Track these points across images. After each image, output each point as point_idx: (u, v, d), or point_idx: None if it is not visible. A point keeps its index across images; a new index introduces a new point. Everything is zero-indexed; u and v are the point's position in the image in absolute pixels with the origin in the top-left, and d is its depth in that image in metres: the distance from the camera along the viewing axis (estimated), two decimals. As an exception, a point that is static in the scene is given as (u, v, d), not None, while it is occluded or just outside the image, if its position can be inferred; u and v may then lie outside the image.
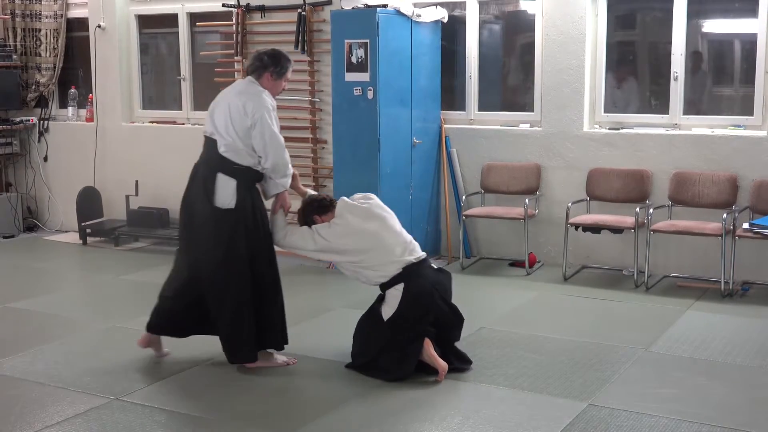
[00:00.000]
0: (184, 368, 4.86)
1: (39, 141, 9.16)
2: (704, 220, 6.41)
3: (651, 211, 6.51)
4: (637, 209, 6.51)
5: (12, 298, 6.42)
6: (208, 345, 5.19)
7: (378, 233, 4.77)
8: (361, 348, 4.82)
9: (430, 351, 4.65)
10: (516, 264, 7.16)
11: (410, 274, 4.70)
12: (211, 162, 4.72)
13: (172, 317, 4.92)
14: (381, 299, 4.83)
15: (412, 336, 4.64)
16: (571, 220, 6.71)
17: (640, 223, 6.49)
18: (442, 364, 4.64)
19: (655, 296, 6.26)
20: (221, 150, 4.69)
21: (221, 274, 4.71)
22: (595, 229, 6.65)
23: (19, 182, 9.33)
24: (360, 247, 4.74)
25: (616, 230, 6.62)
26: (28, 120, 9.08)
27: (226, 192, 4.66)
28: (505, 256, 7.32)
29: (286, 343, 4.95)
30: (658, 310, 5.93)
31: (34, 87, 9.07)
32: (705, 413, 4.14)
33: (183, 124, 8.58)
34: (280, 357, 4.94)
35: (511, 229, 7.23)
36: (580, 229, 6.71)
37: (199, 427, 4.12)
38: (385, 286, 4.75)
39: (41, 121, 9.12)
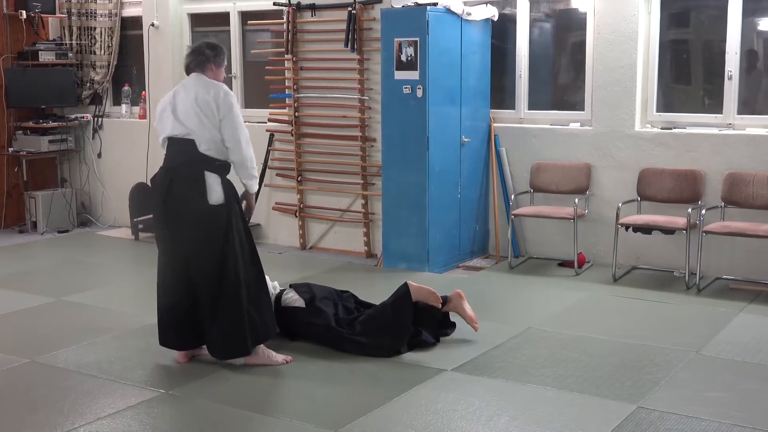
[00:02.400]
0: (235, 364, 4.91)
1: (93, 138, 9.32)
2: (758, 222, 6.31)
3: (703, 212, 6.42)
4: (689, 210, 6.43)
5: (66, 292, 6.55)
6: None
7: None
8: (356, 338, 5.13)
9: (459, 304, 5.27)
10: (565, 264, 7.11)
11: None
12: (194, 162, 4.71)
13: (176, 328, 4.90)
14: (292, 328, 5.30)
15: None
16: (621, 221, 6.65)
17: (692, 224, 6.41)
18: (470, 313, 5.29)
19: (707, 298, 6.18)
20: (203, 149, 4.70)
21: (218, 269, 4.72)
22: (645, 229, 6.58)
23: (73, 178, 9.50)
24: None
25: (668, 231, 6.55)
26: (83, 117, 9.24)
27: (215, 188, 4.71)
28: (554, 256, 7.27)
29: (278, 331, 5.14)
30: (710, 312, 5.85)
31: (88, 84, 9.23)
32: (757, 418, 4.08)
33: (234, 121, 8.64)
34: (278, 356, 4.93)
35: (560, 228, 7.18)
36: (630, 229, 6.64)
37: (248, 421, 4.17)
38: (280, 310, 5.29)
39: (95, 118, 9.27)
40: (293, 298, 5.26)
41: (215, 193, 4.70)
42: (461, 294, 5.32)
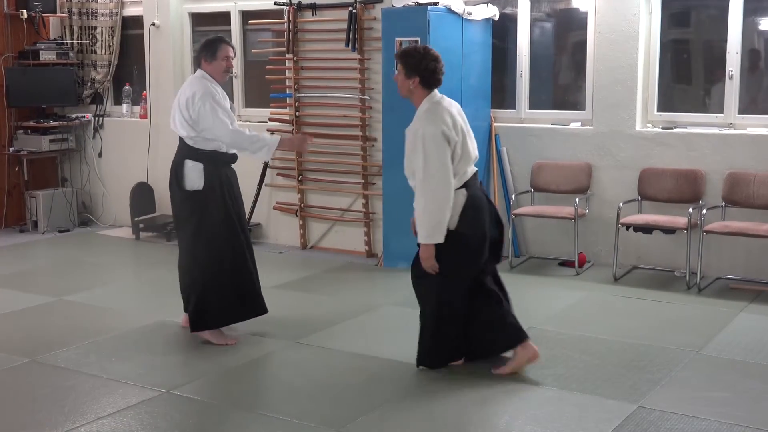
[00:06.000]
0: (236, 363, 4.92)
1: (94, 137, 9.31)
2: (759, 221, 6.31)
3: (704, 211, 6.41)
4: (690, 210, 6.42)
5: (67, 292, 6.54)
6: (258, 341, 5.24)
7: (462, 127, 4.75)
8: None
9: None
10: (566, 264, 7.10)
11: (470, 185, 4.61)
12: (181, 151, 5.24)
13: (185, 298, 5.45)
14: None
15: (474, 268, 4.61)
16: (622, 220, 6.64)
17: (693, 224, 6.40)
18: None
19: (708, 298, 6.17)
20: (188, 141, 5.18)
21: (192, 249, 5.21)
22: (646, 229, 6.58)
23: (74, 178, 9.49)
24: (456, 137, 4.58)
25: (668, 231, 6.54)
26: (84, 116, 9.23)
27: (193, 175, 5.15)
28: (555, 256, 7.27)
29: (266, 311, 5.39)
30: (711, 312, 5.84)
31: (89, 84, 9.23)
32: (757, 417, 4.08)
33: (234, 121, 8.65)
34: (227, 338, 5.27)
35: (560, 228, 7.18)
36: (631, 229, 6.64)
37: (249, 421, 4.17)
38: None
39: (96, 118, 9.27)
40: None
41: (191, 180, 5.16)
42: None
